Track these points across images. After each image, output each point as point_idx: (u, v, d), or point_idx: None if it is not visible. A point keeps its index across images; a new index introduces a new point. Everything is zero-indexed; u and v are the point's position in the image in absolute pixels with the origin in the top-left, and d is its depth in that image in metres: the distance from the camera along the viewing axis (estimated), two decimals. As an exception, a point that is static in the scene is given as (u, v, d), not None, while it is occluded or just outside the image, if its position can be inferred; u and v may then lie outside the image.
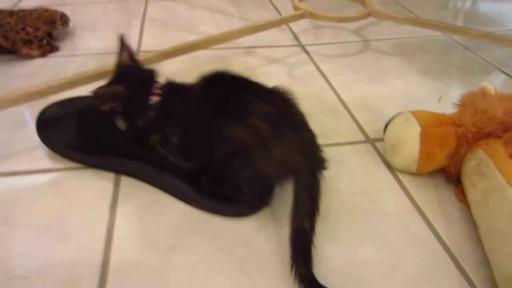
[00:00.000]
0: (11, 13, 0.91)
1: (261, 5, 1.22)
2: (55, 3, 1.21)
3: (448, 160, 0.54)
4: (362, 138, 0.66)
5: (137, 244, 0.46)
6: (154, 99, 0.48)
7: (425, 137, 0.53)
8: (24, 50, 0.86)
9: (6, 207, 0.50)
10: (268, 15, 1.14)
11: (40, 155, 0.57)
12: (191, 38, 0.98)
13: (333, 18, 0.85)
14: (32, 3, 1.19)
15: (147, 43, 0.95)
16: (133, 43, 0.95)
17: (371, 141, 0.65)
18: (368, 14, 0.88)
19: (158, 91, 0.49)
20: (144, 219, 0.49)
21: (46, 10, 0.95)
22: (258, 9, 1.19)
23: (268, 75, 0.82)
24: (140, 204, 0.51)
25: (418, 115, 0.55)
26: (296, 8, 0.90)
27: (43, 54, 0.88)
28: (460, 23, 1.17)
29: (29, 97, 0.54)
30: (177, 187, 0.50)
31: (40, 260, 0.44)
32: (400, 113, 0.59)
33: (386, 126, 0.60)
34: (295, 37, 1.01)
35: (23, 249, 0.45)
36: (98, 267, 0.43)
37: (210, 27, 1.06)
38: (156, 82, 0.50)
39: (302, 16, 0.86)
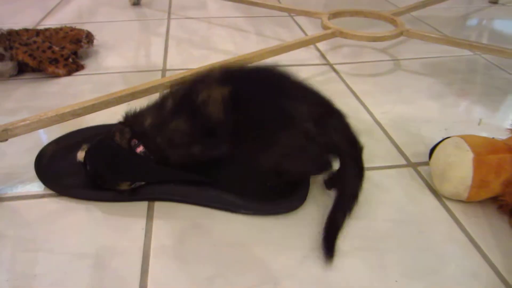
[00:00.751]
0: (37, 32, 0.91)
1: (281, 23, 1.21)
2: (77, 21, 1.22)
3: (503, 188, 0.50)
4: (403, 161, 0.62)
5: (175, 274, 0.43)
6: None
7: (479, 164, 0.49)
8: (50, 69, 0.85)
9: (37, 231, 0.47)
10: (288, 33, 1.12)
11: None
12: (215, 56, 0.97)
13: (365, 38, 0.83)
14: (54, 22, 1.20)
15: (173, 62, 0.94)
16: (158, 61, 0.94)
17: (413, 165, 0.61)
18: (401, 33, 0.86)
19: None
20: (181, 244, 0.46)
21: (72, 29, 0.94)
22: (278, 26, 1.18)
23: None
24: (175, 227, 0.48)
25: (470, 140, 0.51)
26: (325, 27, 0.88)
27: (69, 73, 0.87)
28: (484, 41, 1.15)
29: (61, 117, 0.52)
30: (221, 199, 0.49)
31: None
32: (447, 138, 0.55)
33: (432, 151, 0.57)
34: (322, 55, 0.99)
35: (55, 276, 0.42)
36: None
37: (232, 45, 1.05)
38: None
39: (333, 34, 0.84)
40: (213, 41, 1.07)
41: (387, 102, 0.79)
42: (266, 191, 0.51)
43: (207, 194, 0.50)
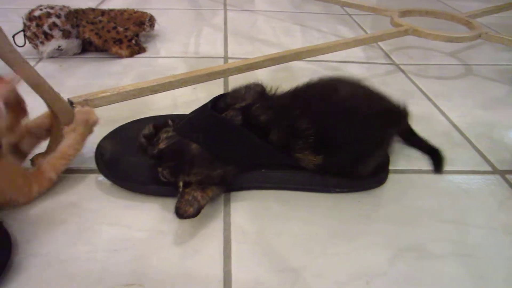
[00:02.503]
0: (103, 12, 0.91)
1: (340, 20, 1.18)
2: (138, 6, 1.22)
3: None
4: (488, 168, 0.57)
5: (259, 261, 0.40)
6: None
7: None
8: (114, 49, 0.84)
9: (115, 207, 0.46)
10: (348, 31, 1.09)
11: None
12: (273, 49, 0.95)
13: (441, 37, 0.79)
14: (113, 5, 1.21)
15: (234, 51, 0.92)
16: (219, 49, 0.92)
17: (500, 173, 0.56)
18: (479, 36, 0.80)
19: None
20: (261, 231, 0.43)
21: (135, 11, 0.94)
22: (337, 23, 1.14)
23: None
24: (254, 213, 0.46)
25: None
26: (396, 24, 0.84)
27: (131, 54, 0.86)
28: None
29: (140, 92, 0.51)
30: (314, 181, 0.48)
31: (155, 269, 0.38)
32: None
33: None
34: (387, 55, 0.95)
35: (137, 256, 0.40)
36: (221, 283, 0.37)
37: (290, 39, 1.02)
38: None
39: (406, 32, 0.80)
40: (271, 34, 1.05)
41: (463, 106, 0.74)
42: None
43: (301, 177, 0.47)
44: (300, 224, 0.45)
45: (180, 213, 0.41)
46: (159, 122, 0.48)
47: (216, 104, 0.48)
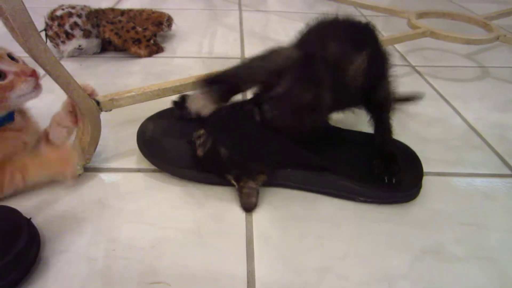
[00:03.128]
0: (122, 12, 0.92)
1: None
2: (153, 6, 1.23)
3: None
4: (507, 171, 0.57)
5: (281, 263, 0.41)
6: None
7: None
8: (133, 49, 0.86)
9: (137, 204, 0.47)
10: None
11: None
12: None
13: (459, 39, 0.78)
14: (130, 5, 1.22)
15: (250, 52, 0.93)
16: (236, 50, 0.93)
17: (520, 177, 0.56)
18: (497, 38, 0.80)
19: None
20: (284, 233, 0.44)
21: (154, 11, 0.95)
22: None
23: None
24: (275, 214, 0.46)
25: None
26: (413, 26, 0.84)
27: (150, 54, 0.88)
28: None
29: (163, 92, 0.52)
30: (339, 186, 0.48)
31: (180, 267, 0.39)
32: None
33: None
34: (403, 56, 0.95)
35: (162, 254, 0.41)
36: (244, 283, 0.38)
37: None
38: None
39: (423, 34, 0.80)
40: (286, 34, 1.05)
41: (480, 108, 0.74)
42: (376, 179, 0.49)
43: (325, 180, 0.48)
44: (323, 226, 0.45)
45: (247, 208, 0.45)
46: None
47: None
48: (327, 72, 0.46)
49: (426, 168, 0.56)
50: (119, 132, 0.60)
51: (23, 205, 0.46)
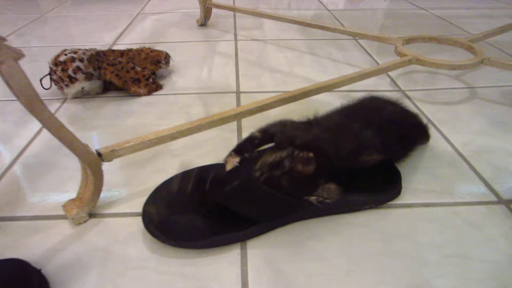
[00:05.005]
0: (122, 53, 0.96)
1: (349, 44, 1.21)
2: (148, 42, 1.28)
3: None
4: (493, 198, 0.60)
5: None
6: None
7: None
8: (133, 88, 0.90)
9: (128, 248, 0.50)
10: (356, 55, 1.12)
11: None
12: (286, 79, 0.99)
13: (444, 66, 0.82)
14: (128, 41, 1.27)
15: (245, 84, 0.97)
16: (231, 83, 0.97)
17: (506, 203, 0.59)
18: (481, 62, 0.83)
19: None
20: (277, 272, 0.47)
21: (152, 50, 0.99)
22: (344, 49, 1.18)
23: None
24: (270, 253, 0.49)
25: None
26: (400, 54, 0.88)
27: (149, 92, 0.92)
28: None
29: (161, 140, 0.55)
30: (347, 201, 0.55)
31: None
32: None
33: (530, 189, 0.54)
34: (393, 81, 0.98)
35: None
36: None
37: (300, 68, 1.06)
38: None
39: (410, 62, 0.83)
40: (282, 63, 1.09)
41: (467, 133, 0.76)
42: (368, 186, 0.57)
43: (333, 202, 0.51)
44: (314, 263, 0.48)
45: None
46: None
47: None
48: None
49: (413, 199, 0.59)
50: (121, 177, 0.63)
51: (34, 254, 0.49)
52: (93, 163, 0.51)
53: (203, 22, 1.45)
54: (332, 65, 1.08)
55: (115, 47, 1.23)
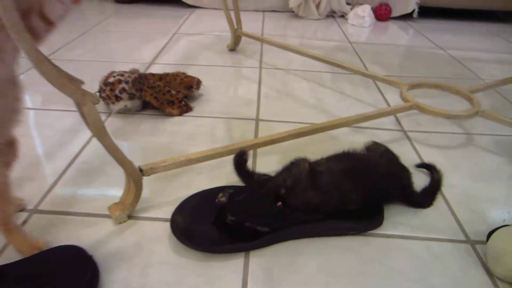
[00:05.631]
0: (160, 77, 1.11)
1: (362, 81, 1.33)
2: (182, 63, 1.44)
3: None
4: (462, 237, 0.70)
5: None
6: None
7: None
8: (168, 109, 1.04)
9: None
10: (367, 92, 1.24)
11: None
12: (304, 110, 1.12)
13: (440, 114, 0.92)
14: (164, 61, 1.43)
15: (265, 112, 1.10)
16: (252, 110, 1.10)
17: (472, 243, 0.69)
18: (475, 114, 0.93)
19: None
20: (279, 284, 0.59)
21: (186, 76, 1.14)
22: (358, 85, 1.30)
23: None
24: (271, 265, 0.61)
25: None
26: (404, 99, 0.99)
27: (181, 113, 1.06)
28: None
29: (189, 162, 0.69)
30: (336, 227, 0.67)
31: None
32: (507, 226, 0.63)
33: (490, 234, 0.65)
34: (398, 121, 1.09)
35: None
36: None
37: (317, 100, 1.18)
38: None
39: (410, 108, 0.95)
40: (300, 94, 1.22)
41: (456, 177, 0.86)
42: (351, 215, 0.69)
43: (324, 226, 0.66)
44: (302, 274, 0.60)
45: None
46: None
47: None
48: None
49: (393, 231, 0.70)
50: (154, 188, 0.77)
51: (85, 243, 0.63)
52: (136, 177, 0.65)
53: (233, 47, 1.60)
54: (344, 99, 1.20)
55: (153, 66, 1.39)
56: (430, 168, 0.85)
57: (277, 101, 1.18)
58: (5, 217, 0.55)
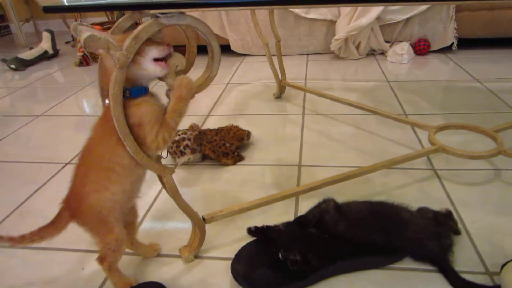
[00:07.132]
0: (217, 132, 1.32)
1: (399, 125, 1.44)
2: (233, 113, 1.64)
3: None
4: (481, 269, 0.80)
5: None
6: None
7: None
8: (223, 160, 1.24)
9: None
10: (404, 134, 1.35)
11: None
12: (342, 155, 1.26)
13: (464, 156, 1.02)
14: (219, 112, 1.65)
15: (307, 158, 1.26)
16: (295, 157, 1.27)
17: (490, 274, 0.78)
18: (498, 153, 1.02)
19: None
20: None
21: (238, 129, 1.34)
22: (396, 127, 1.41)
23: (402, 198, 1.02)
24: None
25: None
26: (431, 142, 1.10)
27: (234, 163, 1.25)
28: None
29: (241, 210, 0.86)
30: (370, 262, 0.81)
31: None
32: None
33: (503, 266, 0.74)
34: (429, 159, 1.19)
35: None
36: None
37: (354, 144, 1.32)
38: None
39: (436, 150, 1.06)
40: (338, 138, 1.36)
41: (480, 212, 0.95)
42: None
43: (362, 261, 0.80)
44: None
45: None
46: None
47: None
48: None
49: (415, 264, 0.82)
50: (214, 231, 0.95)
51: (162, 279, 0.81)
52: (200, 224, 0.84)
53: (279, 95, 1.79)
54: (380, 141, 1.33)
55: (210, 118, 1.61)
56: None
57: (318, 146, 1.33)
58: (114, 262, 0.75)
